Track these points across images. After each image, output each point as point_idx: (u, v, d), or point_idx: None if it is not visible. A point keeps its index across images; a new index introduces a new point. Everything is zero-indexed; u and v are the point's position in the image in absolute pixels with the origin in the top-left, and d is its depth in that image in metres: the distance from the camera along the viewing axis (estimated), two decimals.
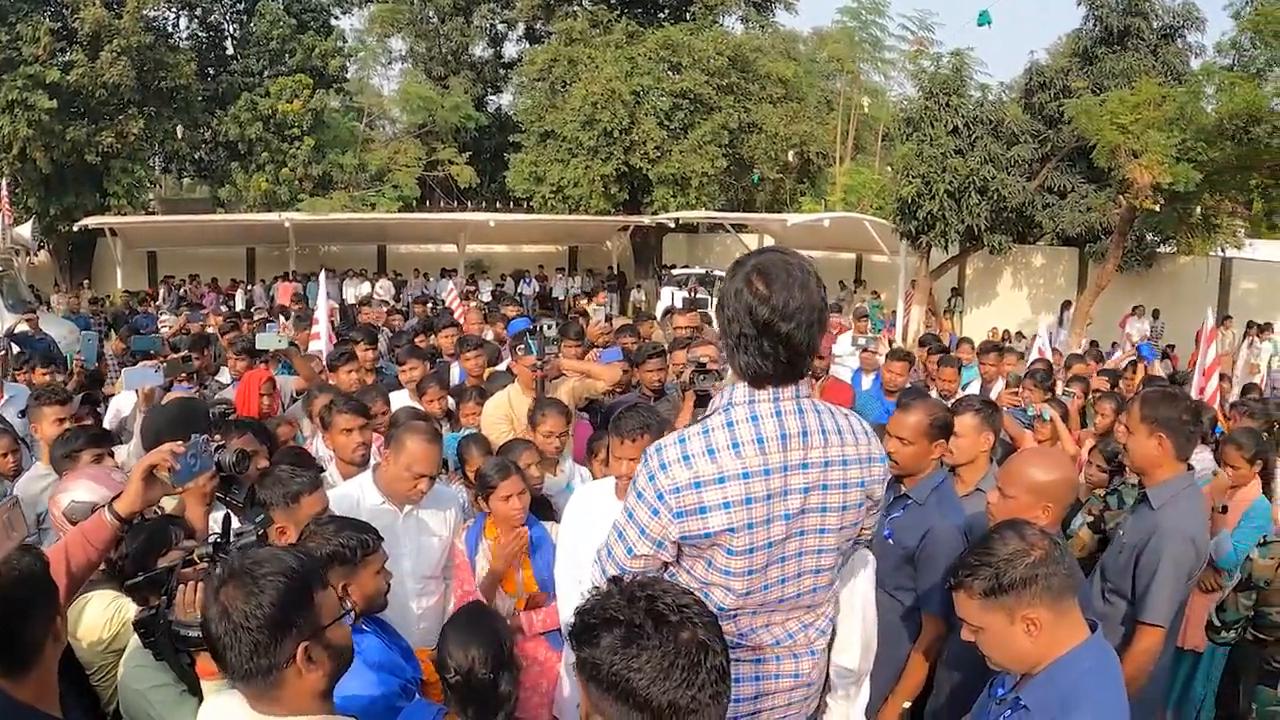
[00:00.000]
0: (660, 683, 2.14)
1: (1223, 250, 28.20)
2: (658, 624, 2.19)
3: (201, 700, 3.47)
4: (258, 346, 9.71)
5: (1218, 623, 5.55)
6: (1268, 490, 7.38)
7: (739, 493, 3.13)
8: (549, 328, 8.12)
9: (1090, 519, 6.59)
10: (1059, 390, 10.70)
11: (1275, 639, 5.41)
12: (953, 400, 6.15)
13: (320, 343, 11.59)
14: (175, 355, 9.17)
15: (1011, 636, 3.20)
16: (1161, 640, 4.71)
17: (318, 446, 7.20)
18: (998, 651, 3.28)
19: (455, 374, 10.24)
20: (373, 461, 6.06)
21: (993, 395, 10.03)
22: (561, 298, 38.82)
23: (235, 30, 46.06)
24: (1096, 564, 5.31)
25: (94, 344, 13.73)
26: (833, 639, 3.74)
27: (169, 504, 4.49)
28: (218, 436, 4.49)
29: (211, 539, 3.68)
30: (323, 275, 14.04)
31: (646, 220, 38.50)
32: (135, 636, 3.64)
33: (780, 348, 3.14)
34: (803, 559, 3.34)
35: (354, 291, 35.55)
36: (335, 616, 2.86)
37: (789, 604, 3.39)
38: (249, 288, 36.20)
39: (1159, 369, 16.66)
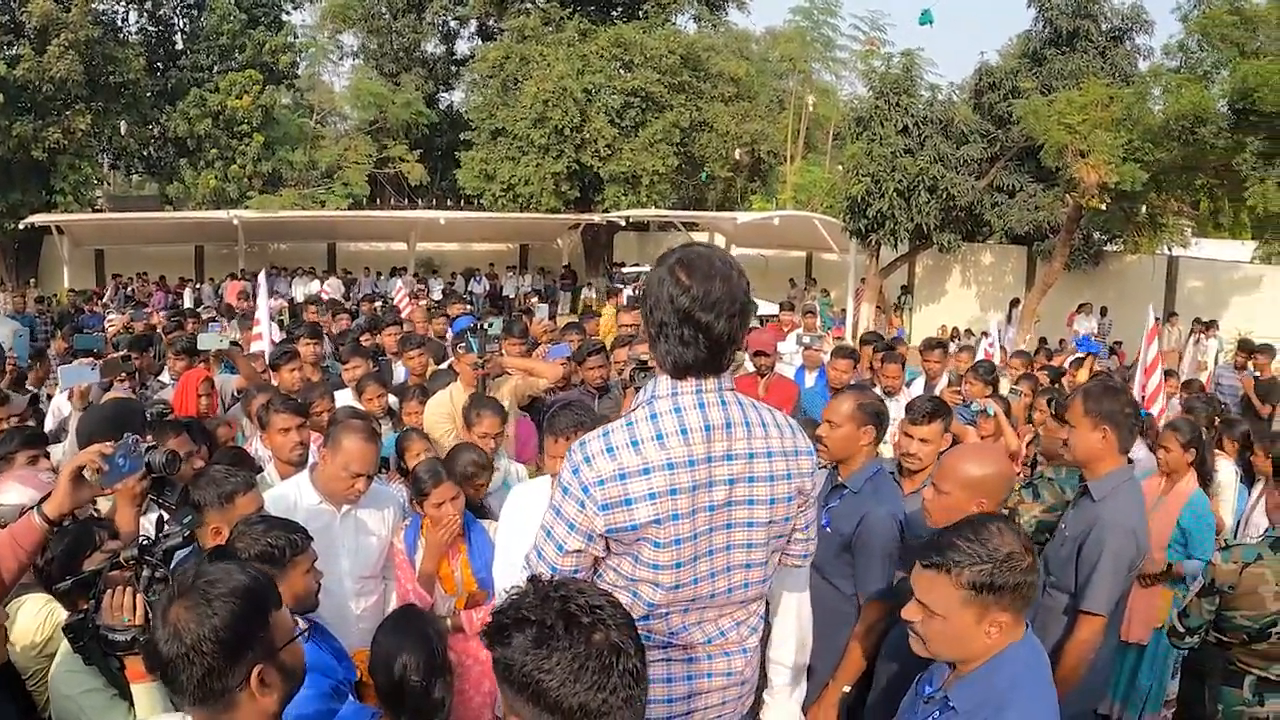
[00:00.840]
0: (570, 685, 2.13)
1: (1169, 249, 28.53)
2: (569, 625, 2.18)
3: (132, 704, 3.45)
4: (199, 346, 9.60)
5: (1181, 628, 5.57)
6: (1203, 483, 7.47)
7: (664, 484, 3.11)
8: (490, 325, 8.11)
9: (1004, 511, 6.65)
10: (1005, 387, 10.77)
11: (1238, 641, 5.44)
12: (911, 408, 6.16)
13: (263, 342, 11.50)
14: (116, 355, 9.09)
15: (972, 634, 3.18)
16: (1102, 630, 4.75)
17: (256, 447, 7.15)
18: (946, 643, 3.25)
19: (400, 373, 10.21)
20: (311, 461, 6.01)
21: (936, 392, 10.08)
22: (512, 296, 38.75)
23: (185, 25, 45.71)
24: None
25: (25, 341, 13.60)
26: (768, 634, 3.74)
27: (105, 505, 4.45)
28: (149, 437, 4.44)
29: (140, 540, 3.64)
30: (263, 275, 13.88)
31: (597, 218, 38.51)
32: (65, 642, 3.60)
33: (700, 337, 3.14)
34: (732, 553, 3.32)
35: (303, 290, 35.38)
36: (290, 637, 2.77)
37: (720, 600, 3.36)
38: (197, 286, 35.86)
39: (1100, 365, 16.76)
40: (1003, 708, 3.09)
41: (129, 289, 33.98)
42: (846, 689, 4.99)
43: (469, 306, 19.14)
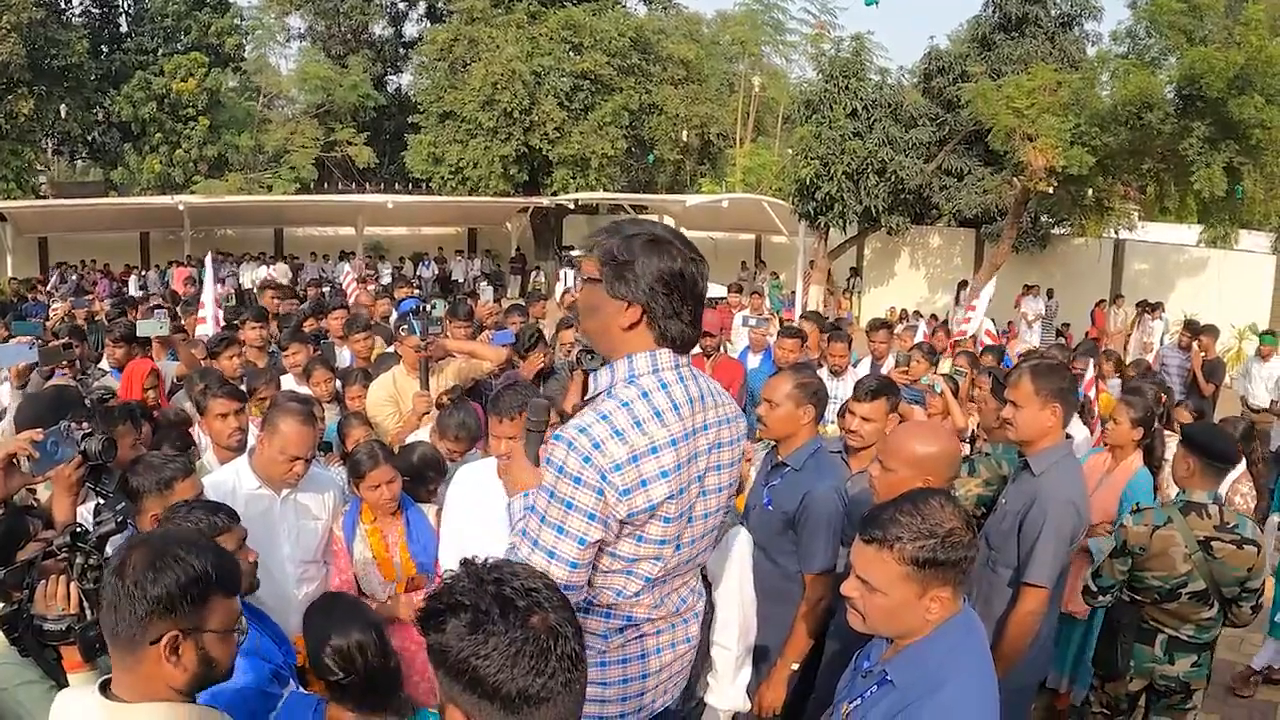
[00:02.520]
0: (508, 670, 2.07)
1: (1115, 232, 28.73)
2: (505, 609, 2.12)
3: None
4: (139, 334, 9.50)
5: (1094, 587, 5.69)
6: (1150, 462, 7.51)
7: (671, 460, 3.12)
8: (434, 308, 8.05)
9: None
10: (947, 366, 10.83)
11: (1150, 600, 5.56)
12: (857, 386, 6.21)
13: (208, 327, 11.38)
14: (56, 342, 8.97)
15: (913, 610, 3.15)
16: (1045, 601, 4.82)
17: (197, 432, 7.08)
18: (885, 619, 3.22)
19: (345, 356, 10.14)
20: (250, 445, 5.94)
21: (883, 372, 10.12)
22: (461, 280, 38.64)
23: (129, 6, 45.39)
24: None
25: None
26: (712, 618, 3.74)
27: (45, 494, 4.38)
28: (85, 424, 4.37)
29: (73, 529, 3.58)
30: (209, 259, 13.75)
31: (546, 201, 38.46)
32: (0, 635, 3.54)
33: (688, 308, 3.20)
34: (708, 519, 3.38)
35: (251, 275, 35.13)
36: (225, 627, 2.77)
37: (686, 567, 3.42)
38: (143, 273, 35.57)
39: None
40: (941, 681, 3.07)
41: (75, 276, 33.65)
42: (795, 666, 5.01)
43: (417, 290, 19.04)
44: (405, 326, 7.63)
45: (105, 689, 2.78)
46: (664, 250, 3.15)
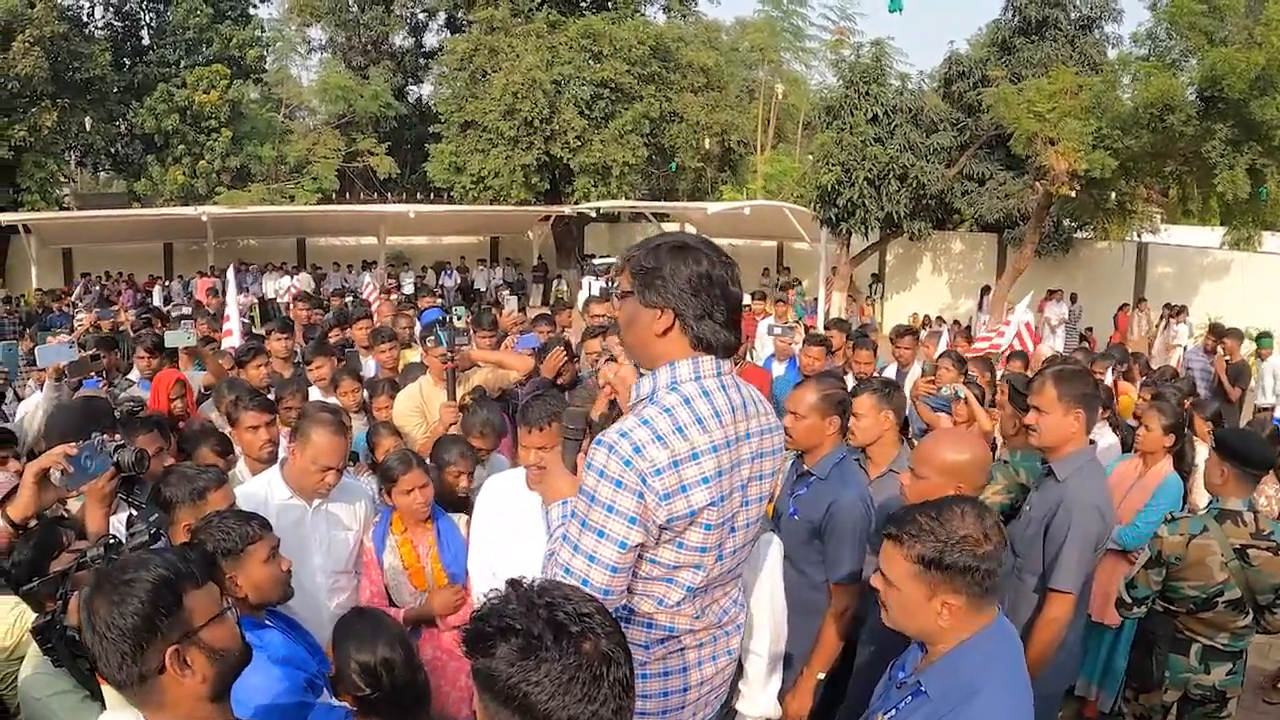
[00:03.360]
0: (560, 697, 2.04)
1: (1139, 235, 28.56)
2: (558, 634, 2.08)
3: (104, 705, 3.41)
4: (166, 344, 9.55)
5: (1128, 599, 5.66)
6: (1180, 468, 7.47)
7: (713, 467, 3.11)
8: (459, 318, 8.05)
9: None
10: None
11: (1186, 610, 5.53)
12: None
13: (233, 338, 11.41)
14: (84, 354, 9.01)
15: (923, 610, 3.18)
16: (1071, 607, 4.79)
17: None
18: (902, 615, 3.27)
19: (371, 367, 10.15)
20: (281, 456, 5.95)
21: (910, 379, 10.09)
22: (483, 289, 38.67)
23: (151, 20, 45.52)
24: None
25: (15, 353, 13.42)
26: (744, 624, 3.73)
27: (75, 505, 4.39)
28: (118, 435, 4.38)
29: (108, 540, 3.59)
30: (231, 270, 13.78)
31: (568, 210, 38.48)
32: (35, 645, 3.55)
33: (724, 313, 3.21)
34: (748, 529, 3.39)
35: (273, 285, 35.26)
36: (211, 615, 2.72)
37: (728, 577, 3.42)
38: (167, 284, 35.72)
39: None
40: (974, 692, 3.08)
41: (99, 287, 33.79)
42: (821, 675, 4.99)
43: (440, 300, 19.05)
44: (433, 337, 7.62)
45: None
46: (690, 255, 3.19)
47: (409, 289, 31.70)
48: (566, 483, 3.42)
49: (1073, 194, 24.04)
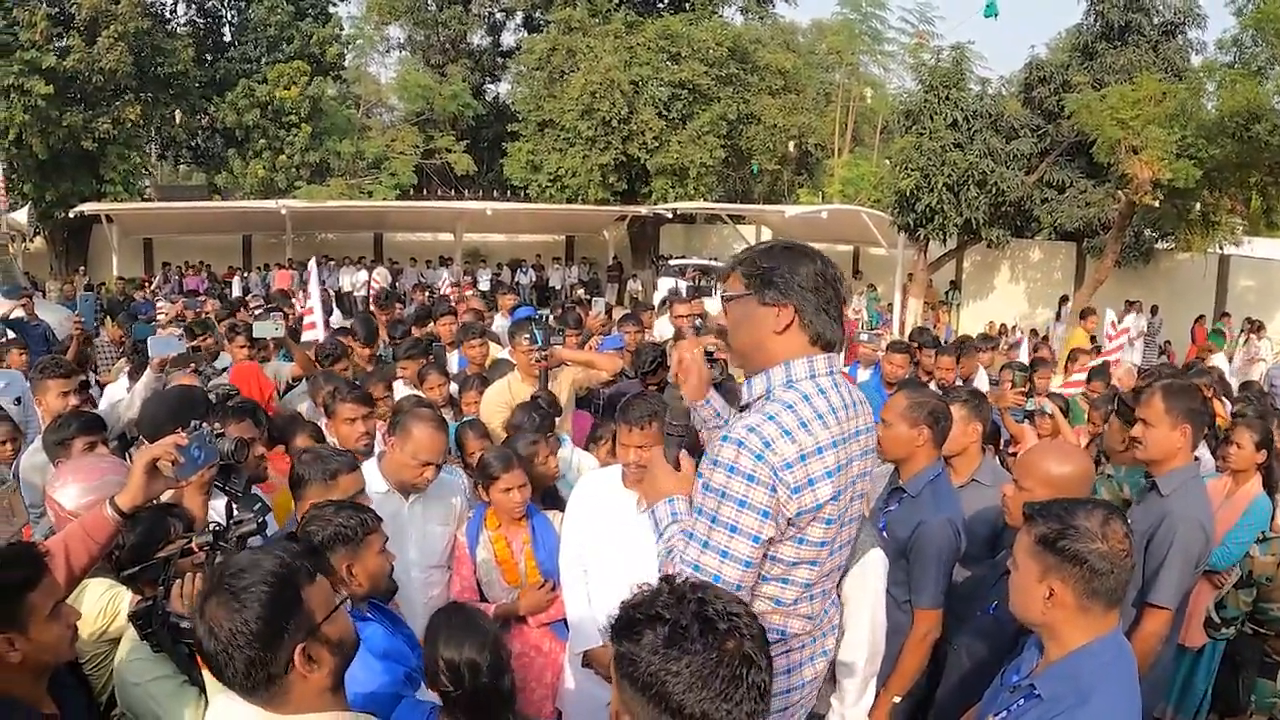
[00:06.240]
0: (697, 690, 2.05)
1: (1220, 247, 28.20)
2: (705, 628, 2.10)
3: (202, 689, 3.44)
4: (255, 335, 9.64)
5: (1217, 619, 5.59)
6: (1269, 485, 7.35)
7: (833, 461, 3.15)
8: (544, 317, 8.06)
9: None
10: (1056, 384, 10.70)
11: (1275, 632, 5.46)
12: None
13: (316, 331, 11.45)
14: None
15: (1032, 592, 3.26)
16: (1168, 623, 4.77)
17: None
18: (1015, 594, 3.37)
19: (454, 362, 10.19)
20: (377, 450, 5.99)
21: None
22: (558, 287, 38.77)
23: (233, 16, 45.90)
24: None
25: (91, 304, 13.60)
26: (839, 638, 3.72)
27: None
28: (216, 424, 4.42)
29: (212, 528, 3.63)
30: (313, 263, 13.84)
31: (644, 210, 38.50)
32: (132, 630, 3.59)
33: (837, 309, 3.28)
34: (853, 525, 3.45)
35: (350, 279, 35.52)
36: (330, 609, 2.74)
37: (833, 576, 3.47)
38: (245, 275, 36.11)
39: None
40: (1088, 695, 3.10)
41: (177, 276, 34.29)
42: (897, 699, 4.92)
43: (517, 298, 19.13)
44: (527, 335, 7.62)
45: None
46: (804, 253, 3.28)
47: (485, 285, 31.81)
48: (671, 480, 3.44)
49: (1156, 204, 23.74)
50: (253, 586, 2.59)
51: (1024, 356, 13.17)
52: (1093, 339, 16.99)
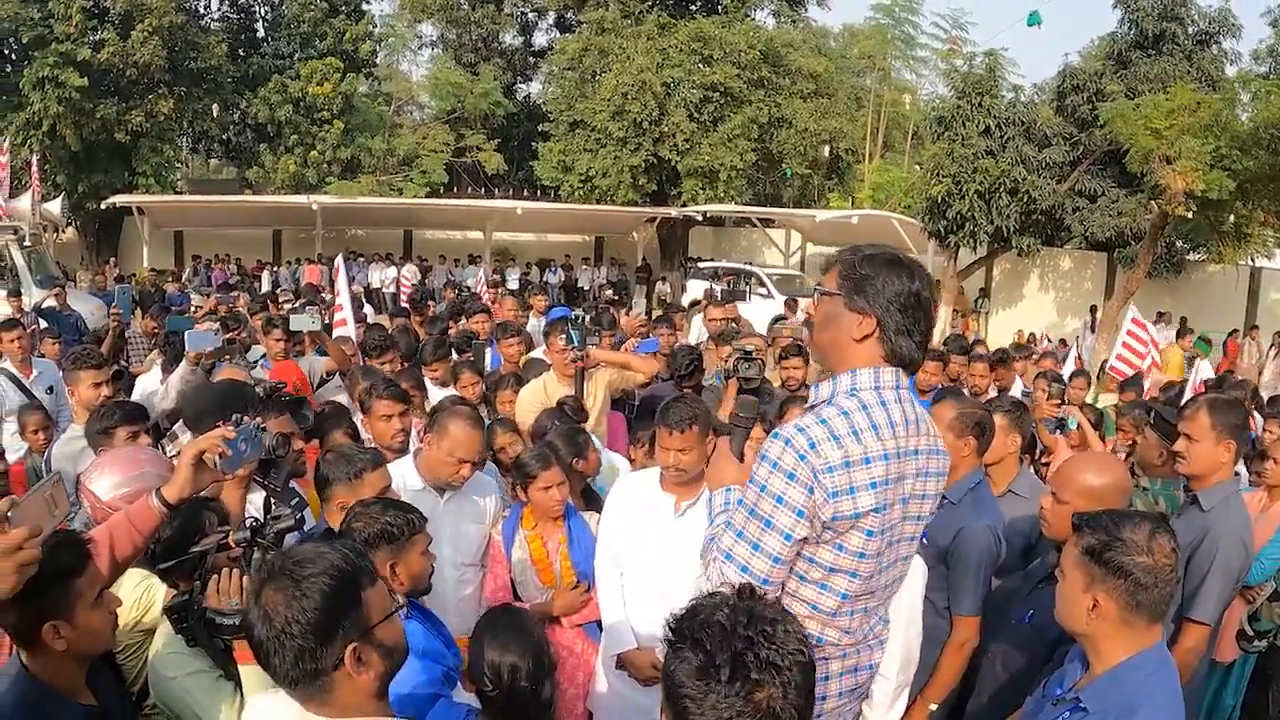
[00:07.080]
0: None
1: (1253, 260, 28.04)
2: (735, 673, 2.07)
3: (238, 684, 3.44)
4: (291, 328, 9.66)
5: (1250, 631, 5.57)
6: None
7: (881, 473, 3.13)
8: (579, 318, 8.04)
9: None
10: (1092, 396, 10.64)
11: None
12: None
13: (347, 328, 11.44)
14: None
15: (1076, 602, 3.26)
16: (1206, 639, 4.77)
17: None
18: (1061, 604, 3.36)
19: (487, 360, 10.19)
20: (413, 447, 5.99)
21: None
22: (586, 288, 38.80)
23: (266, 12, 46.23)
24: None
25: (127, 296, 13.62)
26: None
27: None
28: (259, 419, 4.42)
29: (249, 523, 3.63)
30: (340, 259, 13.85)
31: (674, 212, 38.44)
32: (167, 624, 3.59)
33: (921, 328, 3.24)
34: (904, 545, 3.41)
35: (379, 276, 35.64)
36: (385, 614, 2.69)
37: (885, 594, 3.45)
38: (275, 269, 36.27)
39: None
40: (1134, 707, 3.10)
41: (206, 269, 34.47)
42: (933, 707, 4.90)
43: (547, 298, 19.15)
44: (564, 336, 7.60)
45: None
46: (904, 270, 3.21)
47: (514, 284, 31.84)
48: (733, 470, 3.47)
49: (1189, 215, 23.59)
50: (315, 577, 2.54)
51: (1069, 366, 13.08)
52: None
